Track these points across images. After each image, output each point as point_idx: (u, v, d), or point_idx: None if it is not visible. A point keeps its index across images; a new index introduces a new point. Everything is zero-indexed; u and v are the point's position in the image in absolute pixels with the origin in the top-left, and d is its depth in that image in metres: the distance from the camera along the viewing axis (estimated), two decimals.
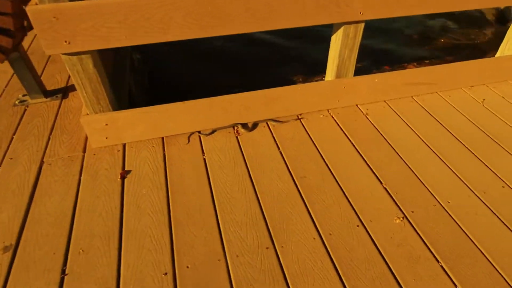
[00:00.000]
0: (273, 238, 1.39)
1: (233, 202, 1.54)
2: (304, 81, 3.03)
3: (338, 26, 1.81)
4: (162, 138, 1.88)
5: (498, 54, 2.44)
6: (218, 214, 1.49)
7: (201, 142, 1.86)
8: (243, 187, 1.61)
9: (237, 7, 1.52)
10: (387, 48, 3.62)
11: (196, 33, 1.55)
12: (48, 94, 2.20)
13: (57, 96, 2.19)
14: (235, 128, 1.94)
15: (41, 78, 2.30)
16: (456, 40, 3.78)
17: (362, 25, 1.80)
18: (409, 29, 3.99)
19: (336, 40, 1.87)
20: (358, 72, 2.05)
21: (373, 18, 1.74)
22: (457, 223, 1.47)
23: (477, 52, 3.68)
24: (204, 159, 1.76)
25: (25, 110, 2.08)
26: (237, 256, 1.33)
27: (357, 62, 3.36)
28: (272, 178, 1.66)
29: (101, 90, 1.65)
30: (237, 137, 1.89)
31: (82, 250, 1.34)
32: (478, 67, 2.24)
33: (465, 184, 1.65)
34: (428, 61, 3.36)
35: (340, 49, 1.86)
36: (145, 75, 3.02)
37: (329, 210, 1.51)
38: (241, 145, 1.85)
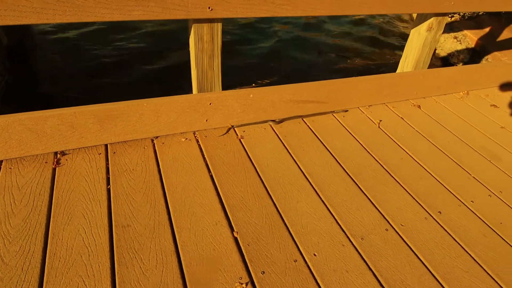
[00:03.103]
0: None
1: (1, 271, 1.02)
2: None
3: (190, 25, 1.42)
4: None
5: (398, 71, 2.23)
6: None
7: None
8: (30, 241, 1.09)
9: None
10: (298, 65, 3.38)
11: None
12: None
13: None
14: (57, 155, 1.44)
15: None
16: (371, 60, 3.67)
17: (219, 25, 1.43)
18: (324, 47, 3.82)
19: (192, 44, 1.47)
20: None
21: (230, 16, 1.38)
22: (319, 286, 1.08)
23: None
24: None
25: None
26: None
27: (264, 78, 2.96)
28: (79, 229, 1.16)
29: None
30: (54, 169, 1.38)
31: None
32: (374, 83, 1.98)
33: (342, 229, 1.29)
34: None
35: (196, 55, 1.47)
36: None
37: (145, 277, 1.05)
38: (56, 179, 1.34)
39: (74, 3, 1.15)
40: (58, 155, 1.44)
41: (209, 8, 1.33)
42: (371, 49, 3.98)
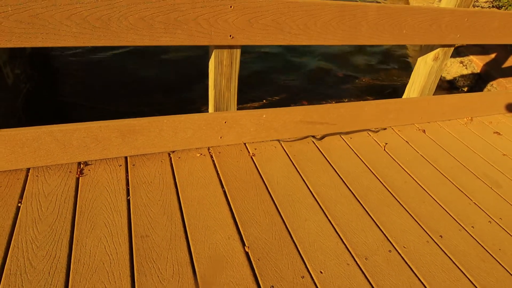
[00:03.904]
0: None
1: (30, 274, 1.10)
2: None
3: (210, 50, 1.53)
4: None
5: (404, 96, 2.32)
6: None
7: (25, 183, 1.42)
8: (56, 247, 1.17)
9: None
10: (308, 84, 3.49)
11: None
12: None
13: None
14: (80, 166, 1.53)
15: None
16: (379, 80, 3.77)
17: (238, 51, 1.53)
18: (334, 66, 3.93)
19: (211, 67, 1.58)
20: (274, 105, 1.77)
21: (249, 43, 1.48)
22: None
23: (398, 94, 3.67)
24: (19, 207, 1.31)
25: None
26: None
27: (274, 96, 3.09)
28: (101, 237, 1.24)
29: None
30: (78, 178, 1.47)
31: None
32: (381, 107, 2.07)
33: (348, 249, 1.35)
34: (334, 101, 3.25)
35: (215, 77, 1.57)
36: (19, 96, 2.54)
37: (162, 286, 1.12)
38: (79, 189, 1.43)
39: (109, 29, 1.26)
40: (81, 165, 1.53)
41: (230, 36, 1.43)
42: (379, 70, 4.08)
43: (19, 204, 1.32)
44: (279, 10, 1.48)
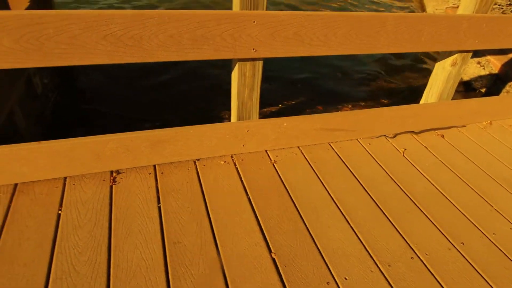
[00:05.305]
0: None
1: (74, 279, 1.18)
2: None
3: (234, 62, 1.59)
4: (15, 185, 1.51)
5: (422, 101, 2.33)
6: None
7: (63, 192, 1.51)
8: (96, 252, 1.26)
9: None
10: (324, 87, 3.52)
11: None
12: None
13: None
14: (113, 174, 1.61)
15: None
16: (394, 84, 3.77)
17: (261, 63, 1.59)
18: (350, 69, 3.95)
19: (234, 78, 1.64)
20: (291, 109, 1.82)
21: (271, 56, 1.53)
22: None
23: (414, 96, 3.66)
24: (59, 215, 1.40)
25: None
26: None
27: (291, 99, 3.15)
28: (137, 243, 1.32)
29: None
30: (111, 186, 1.55)
31: None
32: (399, 113, 2.09)
33: (371, 256, 1.39)
34: (350, 105, 3.27)
35: (238, 88, 1.63)
36: (47, 104, 2.66)
37: None
38: (113, 196, 1.51)
39: (141, 47, 1.34)
40: (114, 174, 1.61)
41: (253, 49, 1.49)
42: (394, 72, 4.08)
43: (59, 212, 1.41)
44: (300, 23, 1.53)
